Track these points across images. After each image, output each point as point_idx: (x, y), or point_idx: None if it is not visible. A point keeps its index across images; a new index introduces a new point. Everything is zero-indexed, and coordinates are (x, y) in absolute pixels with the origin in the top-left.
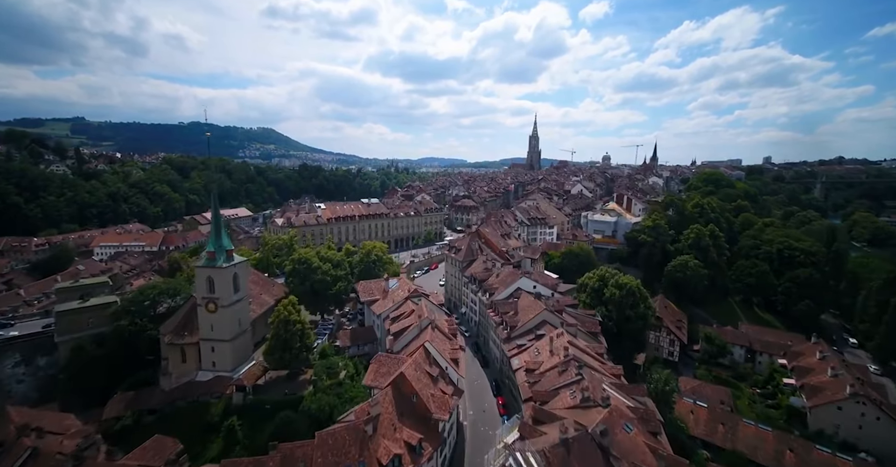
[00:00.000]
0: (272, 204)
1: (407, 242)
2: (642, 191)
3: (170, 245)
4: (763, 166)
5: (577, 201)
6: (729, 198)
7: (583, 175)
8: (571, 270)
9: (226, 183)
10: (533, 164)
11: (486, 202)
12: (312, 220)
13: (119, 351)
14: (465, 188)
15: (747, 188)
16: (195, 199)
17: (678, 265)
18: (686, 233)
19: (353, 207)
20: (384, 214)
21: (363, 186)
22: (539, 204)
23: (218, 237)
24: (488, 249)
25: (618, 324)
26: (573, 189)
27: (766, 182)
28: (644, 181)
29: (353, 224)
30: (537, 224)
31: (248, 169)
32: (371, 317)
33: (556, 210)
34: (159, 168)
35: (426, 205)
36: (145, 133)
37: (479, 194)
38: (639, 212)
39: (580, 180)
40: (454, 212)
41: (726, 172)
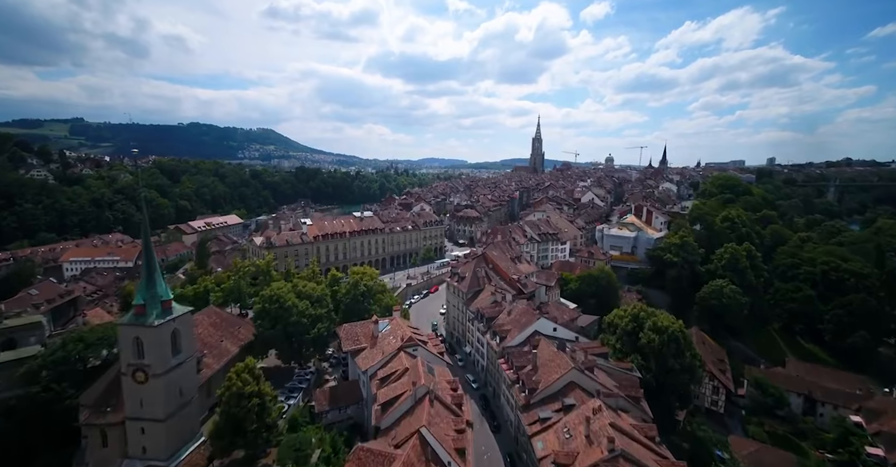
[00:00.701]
0: (267, 208)
1: (404, 260)
2: (660, 202)
3: None
4: (773, 168)
5: (590, 212)
6: (750, 206)
7: (590, 179)
8: (588, 294)
9: (218, 187)
10: (536, 167)
11: (490, 212)
12: (296, 239)
13: (35, 424)
14: (466, 195)
15: (764, 194)
16: (186, 205)
17: (713, 291)
18: (719, 253)
19: (344, 222)
20: (379, 230)
21: (362, 189)
22: (549, 216)
23: (151, 284)
24: (496, 276)
25: (658, 377)
26: (583, 197)
27: (778, 185)
28: (656, 187)
29: (343, 242)
30: (548, 240)
31: (243, 172)
32: (356, 370)
33: (568, 223)
34: (148, 172)
35: (425, 217)
36: (144, 134)
37: (482, 203)
38: (660, 226)
39: (589, 187)
40: (455, 223)
41: (739, 177)
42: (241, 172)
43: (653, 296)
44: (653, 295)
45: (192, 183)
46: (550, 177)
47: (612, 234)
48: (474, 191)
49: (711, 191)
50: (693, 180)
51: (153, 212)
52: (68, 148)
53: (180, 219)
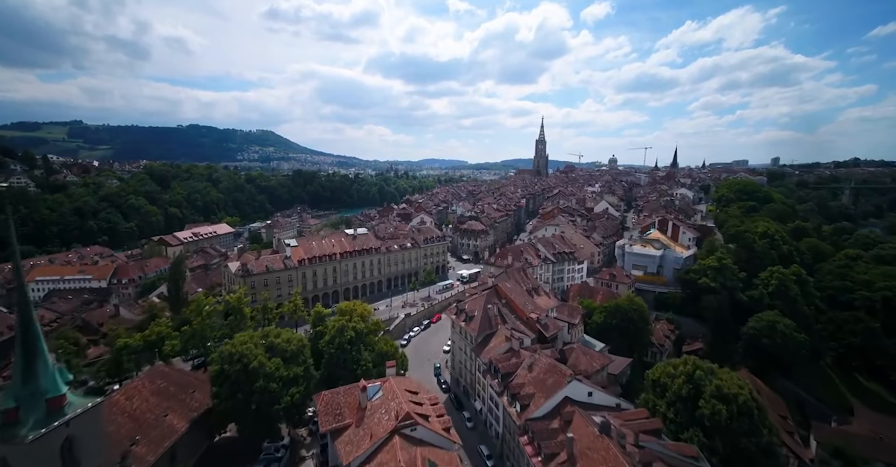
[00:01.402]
0: (263, 214)
1: (403, 281)
2: (682, 213)
3: (122, 278)
4: (784, 170)
5: (606, 225)
6: (776, 215)
7: (598, 184)
8: (615, 327)
9: (211, 193)
10: (540, 170)
11: (496, 224)
12: (278, 264)
13: None
14: (469, 203)
15: (784, 199)
16: (176, 213)
17: (764, 327)
18: (764, 277)
19: (335, 242)
20: (374, 249)
21: (360, 193)
22: (563, 231)
23: (29, 376)
24: (511, 314)
25: (725, 461)
26: (597, 206)
27: (791, 188)
28: (670, 192)
29: (333, 265)
30: (564, 259)
31: (237, 177)
32: (336, 458)
33: (584, 238)
34: (137, 178)
35: (426, 232)
36: (143, 136)
37: (486, 213)
38: (688, 243)
39: (600, 193)
40: (459, 237)
41: (749, 177)
42: (235, 177)
43: (686, 326)
44: (686, 324)
45: (184, 189)
46: (556, 181)
47: (636, 252)
48: (478, 199)
49: (728, 196)
50: (703, 183)
51: (141, 220)
52: (66, 151)
53: (170, 227)
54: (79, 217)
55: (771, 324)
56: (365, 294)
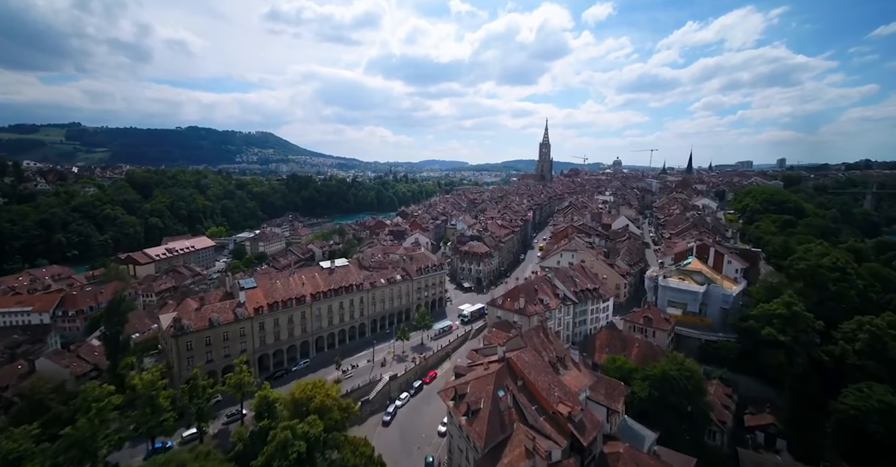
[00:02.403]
0: (254, 221)
1: (392, 321)
2: (717, 233)
3: (69, 309)
4: (799, 174)
5: (630, 247)
6: (817, 231)
7: (608, 191)
8: (657, 401)
9: (197, 200)
10: (544, 174)
11: (502, 243)
12: (226, 315)
13: None
14: (472, 216)
15: (815, 209)
16: (157, 222)
17: (869, 410)
18: (848, 329)
19: (306, 280)
20: (356, 286)
21: (357, 198)
22: (583, 259)
23: None
24: (532, 404)
25: None
26: (614, 222)
27: (811, 193)
28: (690, 202)
29: (302, 309)
30: (587, 298)
31: (227, 182)
32: None
33: (607, 266)
34: (116, 186)
35: (420, 260)
36: (142, 138)
37: (490, 230)
38: (735, 274)
39: (614, 204)
40: (459, 260)
41: (764, 183)
42: (225, 183)
43: (746, 387)
44: (745, 385)
45: (166, 197)
46: (562, 186)
47: (673, 287)
48: (480, 210)
49: (754, 207)
50: (717, 188)
51: (117, 231)
52: (63, 153)
53: (150, 239)
54: (46, 230)
55: (881, 408)
56: (343, 341)
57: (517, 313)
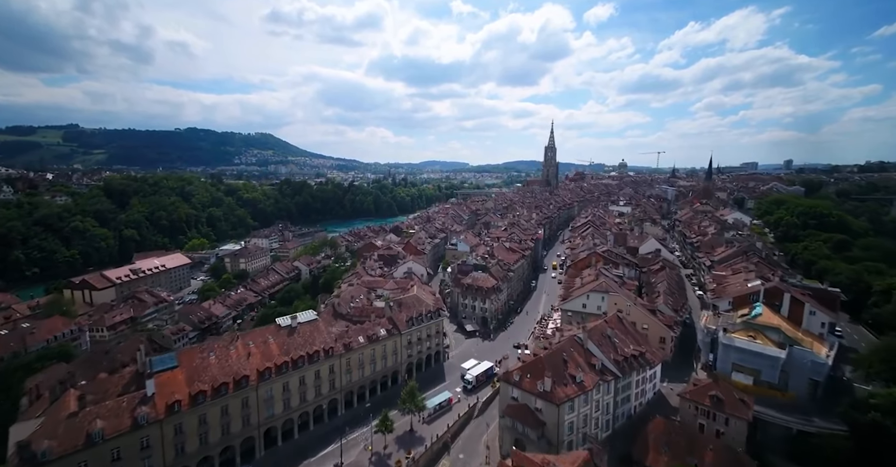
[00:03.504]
0: (244, 230)
1: (376, 391)
2: (771, 264)
3: None
4: (821, 178)
5: (671, 284)
6: (881, 254)
7: (622, 200)
8: None
9: (180, 208)
10: (550, 180)
11: (511, 272)
12: (122, 421)
13: None
14: (474, 233)
15: (859, 223)
16: (132, 235)
17: None
18: None
19: (256, 348)
20: (325, 351)
21: (354, 204)
22: (615, 301)
23: None
24: None
25: None
26: (642, 245)
27: (836, 201)
28: (715, 215)
29: (244, 395)
30: (633, 368)
31: (215, 189)
32: None
33: (647, 313)
34: (89, 194)
35: (412, 307)
36: (140, 140)
37: (497, 254)
38: (822, 329)
39: (636, 220)
40: (461, 294)
41: (783, 189)
42: (212, 189)
43: None
44: None
45: (145, 206)
46: (571, 194)
47: (740, 347)
48: (484, 224)
49: (790, 221)
50: (735, 194)
51: (86, 246)
52: (59, 155)
53: (124, 254)
54: (2, 246)
55: None
56: (306, 427)
57: (541, 398)
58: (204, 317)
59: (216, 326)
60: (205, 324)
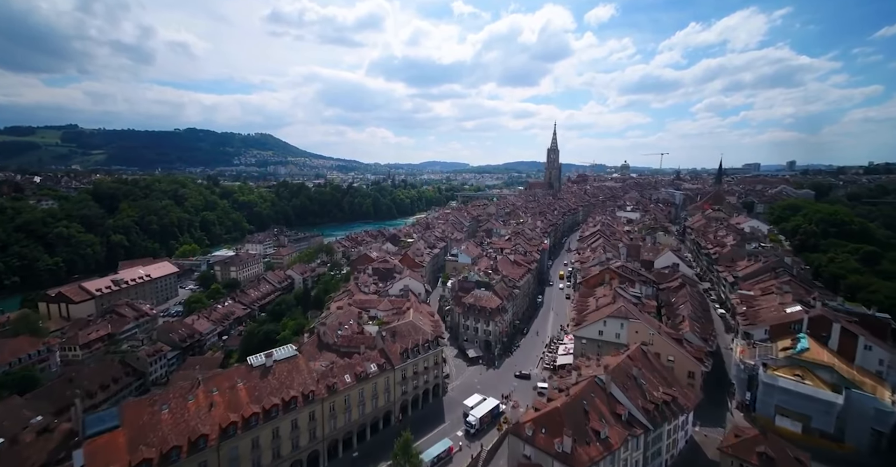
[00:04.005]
0: (239, 234)
1: (361, 437)
2: (804, 283)
3: None
4: (830, 181)
5: (694, 306)
6: None
7: (630, 205)
8: None
9: (172, 212)
10: (552, 183)
11: (517, 289)
12: None
13: None
14: (475, 243)
15: (882, 231)
16: (121, 240)
17: None
18: None
19: (220, 397)
20: (306, 396)
21: (353, 206)
22: (637, 330)
23: None
24: None
25: None
26: (658, 259)
27: (848, 205)
28: (728, 221)
29: (202, 458)
30: (663, 417)
31: (210, 192)
32: None
33: (673, 343)
34: (76, 199)
35: (407, 336)
36: (139, 141)
37: (501, 269)
38: (880, 366)
39: (648, 230)
40: (463, 316)
41: (793, 193)
42: (206, 192)
43: None
44: None
45: (135, 210)
46: (574, 198)
47: (786, 388)
48: (485, 233)
49: (809, 229)
50: (744, 198)
51: (71, 253)
52: (58, 156)
53: (111, 261)
54: None
55: None
56: None
57: (559, 460)
58: (186, 335)
59: (199, 344)
60: (186, 343)
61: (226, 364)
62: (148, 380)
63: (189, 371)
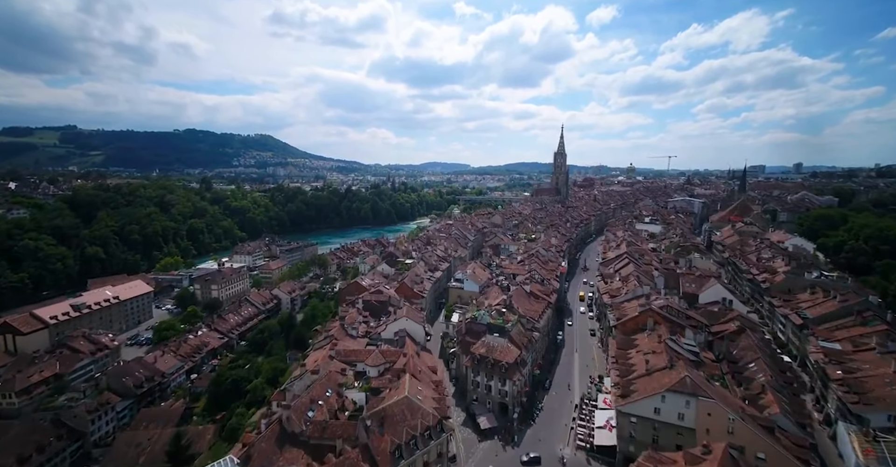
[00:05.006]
0: (230, 242)
1: None
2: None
3: None
4: (853, 187)
5: (767, 362)
6: None
7: (648, 217)
8: None
9: (157, 221)
10: (560, 188)
11: (536, 330)
12: None
13: None
14: (482, 265)
15: None
16: (97, 252)
17: None
18: None
19: None
20: None
21: (351, 211)
22: (707, 410)
23: None
24: None
25: None
26: (703, 292)
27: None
28: (763, 236)
29: None
30: None
31: (199, 198)
32: None
33: (765, 436)
34: (50, 208)
35: (400, 422)
36: (138, 142)
37: (517, 303)
38: None
39: (681, 252)
40: (473, 370)
41: (816, 200)
42: (195, 198)
43: None
44: None
45: (114, 219)
46: (586, 207)
47: None
48: (493, 250)
49: (858, 247)
50: (767, 207)
51: (39, 267)
52: (55, 157)
53: (84, 277)
54: None
55: None
56: None
57: None
58: (144, 378)
59: (161, 388)
60: (143, 388)
61: (188, 416)
62: (89, 442)
63: (138, 431)
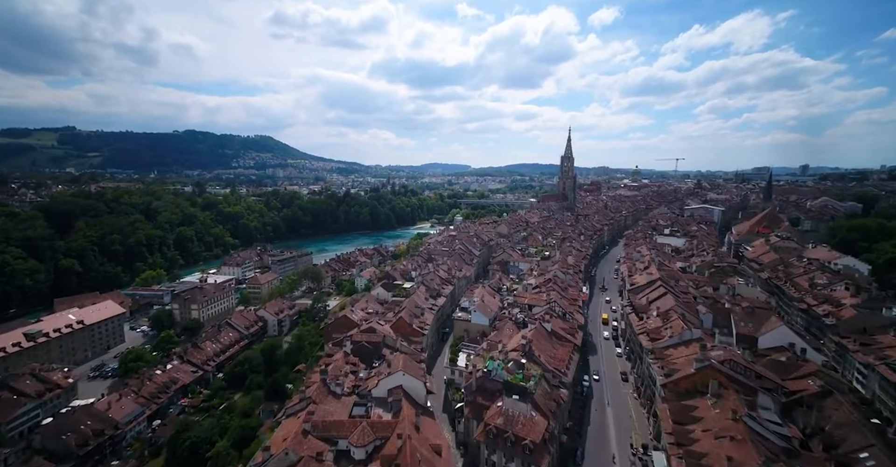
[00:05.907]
0: (221, 250)
1: None
2: None
3: None
4: (875, 192)
5: (877, 444)
6: None
7: (668, 229)
8: None
9: (141, 230)
10: (567, 193)
11: (563, 385)
12: None
13: None
14: (491, 289)
15: None
16: (72, 265)
17: None
18: None
19: None
20: None
21: (349, 216)
22: None
23: None
24: None
25: None
26: (762, 334)
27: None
28: (805, 255)
29: None
30: None
31: (189, 204)
32: None
33: None
34: (23, 217)
35: None
36: (137, 143)
37: (536, 349)
38: None
39: (717, 274)
40: (487, 447)
41: (839, 207)
42: (185, 204)
43: None
44: None
45: (93, 228)
46: (598, 215)
47: None
48: (501, 269)
49: None
50: (789, 214)
51: (4, 283)
52: (54, 159)
53: (60, 292)
54: None
55: None
56: None
57: None
58: (91, 433)
59: (114, 442)
60: (89, 446)
61: None
62: None
63: None
